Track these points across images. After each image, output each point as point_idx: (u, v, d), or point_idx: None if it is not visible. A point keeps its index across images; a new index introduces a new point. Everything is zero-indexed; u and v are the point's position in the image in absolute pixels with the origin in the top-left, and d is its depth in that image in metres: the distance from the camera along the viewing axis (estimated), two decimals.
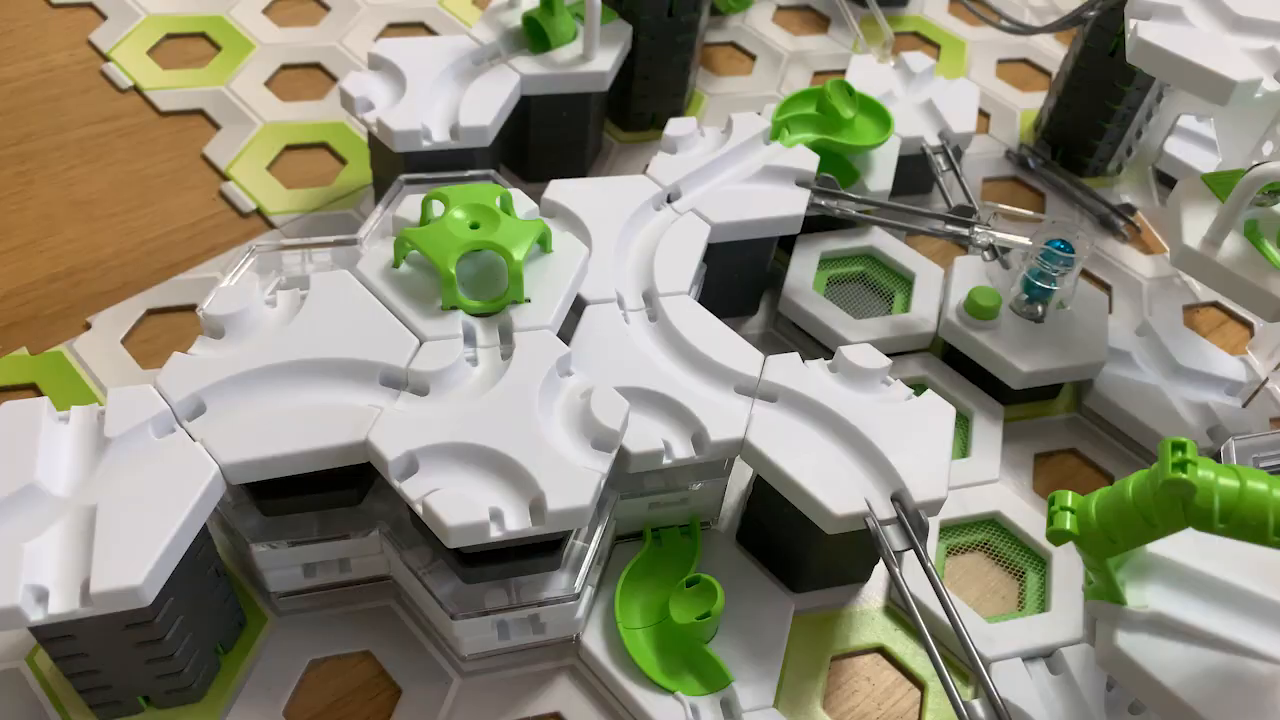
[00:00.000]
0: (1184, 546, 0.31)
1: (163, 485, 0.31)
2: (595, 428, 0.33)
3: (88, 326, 0.46)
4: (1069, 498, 0.29)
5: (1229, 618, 0.29)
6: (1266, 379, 0.50)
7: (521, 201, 0.40)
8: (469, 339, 0.36)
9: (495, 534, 0.31)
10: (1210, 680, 0.29)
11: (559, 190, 0.43)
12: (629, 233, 0.43)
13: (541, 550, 0.35)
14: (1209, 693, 0.28)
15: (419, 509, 0.31)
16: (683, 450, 0.37)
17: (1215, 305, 0.55)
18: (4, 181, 0.52)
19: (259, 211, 0.52)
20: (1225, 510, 0.25)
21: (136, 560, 0.29)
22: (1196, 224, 0.42)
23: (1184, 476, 0.25)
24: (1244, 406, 0.48)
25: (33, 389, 0.44)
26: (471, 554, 0.33)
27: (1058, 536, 0.28)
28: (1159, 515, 0.26)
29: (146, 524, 0.30)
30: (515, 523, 0.31)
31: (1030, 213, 0.51)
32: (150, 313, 0.47)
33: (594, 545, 0.36)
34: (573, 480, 0.32)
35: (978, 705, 0.33)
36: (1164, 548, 0.31)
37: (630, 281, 0.42)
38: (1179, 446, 0.26)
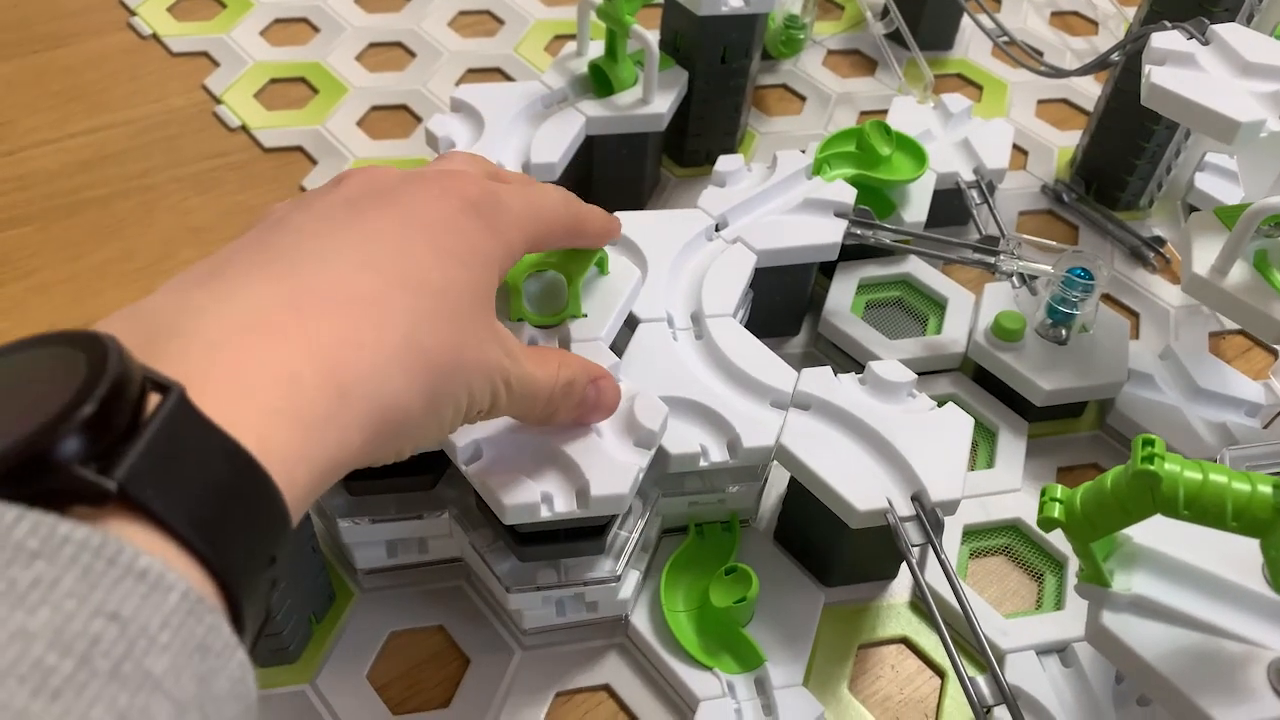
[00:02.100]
0: (1168, 538, 0.34)
1: None
2: (637, 428, 0.38)
3: None
4: (1058, 490, 0.32)
5: (1206, 602, 0.33)
6: None
7: None
8: None
9: (545, 514, 0.36)
10: (1187, 657, 0.32)
11: (621, 220, 0.48)
12: (682, 260, 0.48)
13: (588, 535, 0.39)
14: (1185, 668, 0.32)
15: (481, 489, 0.36)
16: (719, 454, 0.41)
17: (1241, 333, 0.57)
18: (130, 210, 0.58)
19: None
20: (1189, 498, 0.29)
21: None
22: (1205, 253, 0.45)
23: (1151, 468, 0.29)
24: (1264, 428, 0.51)
25: None
26: (526, 534, 0.38)
27: (1047, 523, 0.32)
28: (1131, 503, 0.30)
29: None
30: (563, 505, 0.36)
31: (1054, 243, 0.54)
32: None
33: (635, 535, 0.41)
34: (615, 472, 0.37)
35: (982, 682, 0.36)
36: (1150, 539, 0.34)
37: (680, 303, 0.46)
38: (1149, 442, 0.29)
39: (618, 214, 0.46)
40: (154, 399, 0.20)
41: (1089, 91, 0.72)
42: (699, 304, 0.46)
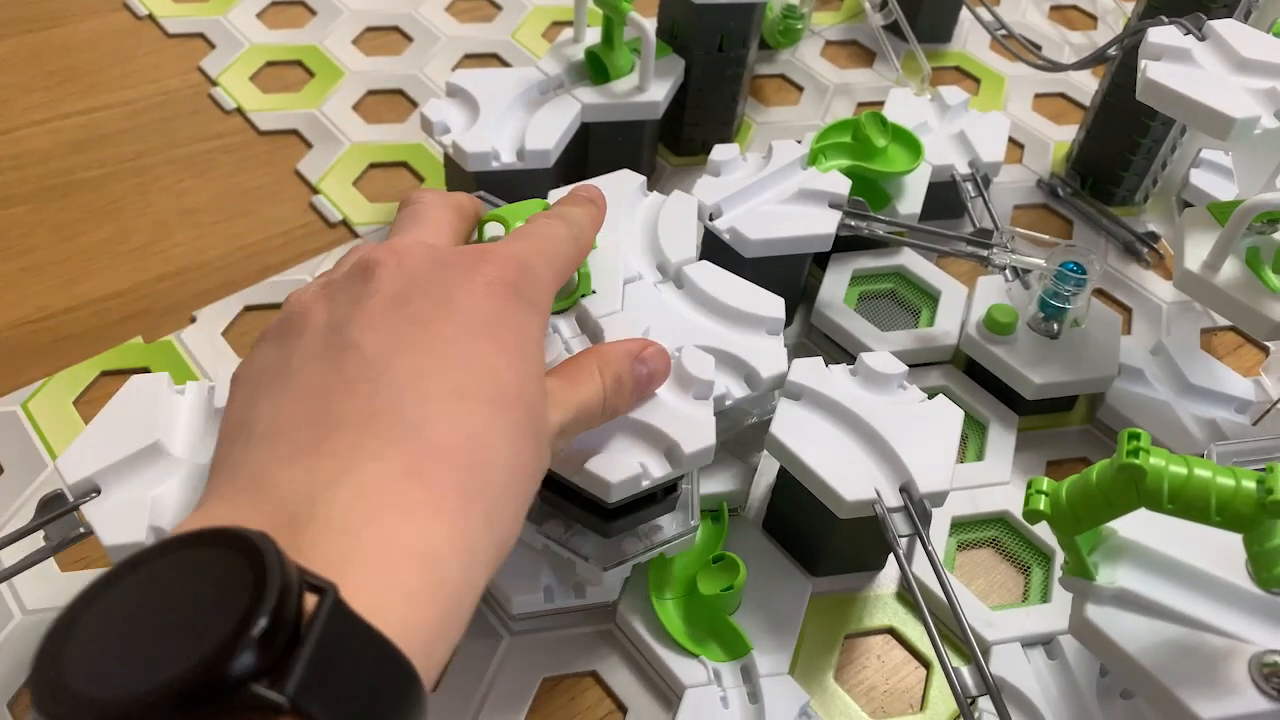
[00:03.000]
0: (1153, 532, 0.34)
1: None
2: (692, 381, 0.38)
3: (193, 320, 0.52)
4: (1044, 483, 0.32)
5: (1190, 596, 0.33)
6: (1279, 399, 0.53)
7: None
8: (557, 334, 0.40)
9: (645, 483, 0.36)
10: (1169, 650, 0.32)
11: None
12: (628, 219, 0.46)
13: (660, 497, 0.39)
14: (1167, 661, 0.32)
15: (576, 476, 0.36)
16: (739, 390, 0.41)
17: (1233, 329, 0.57)
18: (124, 192, 0.58)
19: (345, 222, 0.58)
20: (1173, 493, 0.29)
21: None
22: (1198, 249, 0.45)
23: (1137, 462, 0.29)
24: (1254, 425, 0.51)
25: (146, 373, 0.50)
26: (613, 509, 0.38)
27: (1032, 516, 0.32)
28: (1116, 496, 0.30)
29: None
30: (658, 469, 0.36)
31: (1047, 236, 0.54)
32: (247, 309, 0.53)
33: (695, 485, 0.41)
34: (695, 426, 0.37)
35: (966, 672, 0.36)
36: (1135, 533, 0.34)
37: (643, 259, 0.45)
38: (1134, 436, 0.29)
39: (559, 194, 0.43)
40: (309, 599, 0.20)
41: (1087, 86, 0.72)
42: (663, 255, 0.45)
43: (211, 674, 0.18)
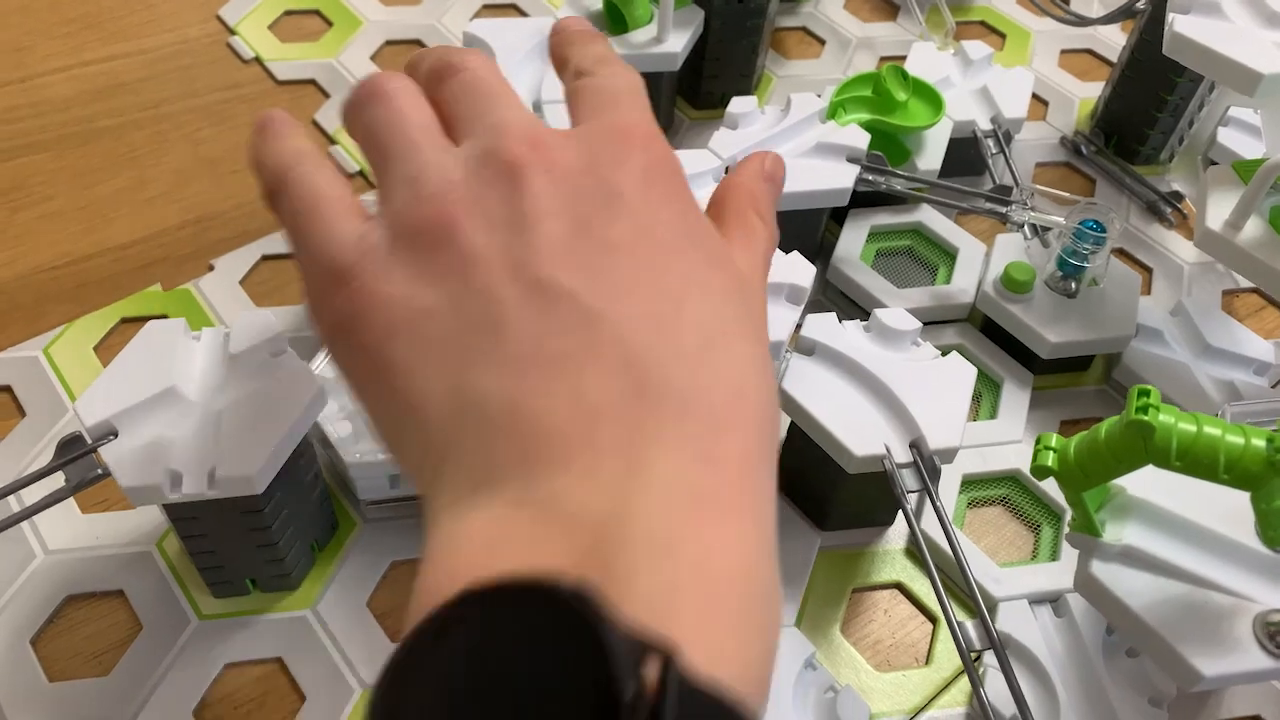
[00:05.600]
0: (1161, 490, 0.34)
1: (275, 396, 0.37)
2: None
3: (211, 268, 0.53)
4: (1053, 439, 0.32)
5: (1196, 554, 0.33)
6: None
7: None
8: None
9: None
10: (1174, 607, 0.32)
11: None
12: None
13: None
14: (1172, 618, 0.32)
15: None
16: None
17: (1255, 291, 0.57)
18: (144, 140, 0.59)
19: (362, 173, 0.58)
20: (1182, 450, 0.29)
21: (252, 454, 0.35)
22: (1220, 208, 0.45)
23: (1145, 418, 0.29)
24: (1273, 387, 0.51)
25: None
26: None
27: (1040, 471, 0.32)
28: (1124, 452, 0.30)
29: (261, 426, 0.36)
30: None
31: (1067, 194, 0.54)
32: (265, 258, 0.53)
33: None
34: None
35: (970, 627, 0.37)
36: (1143, 491, 0.34)
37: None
38: (1144, 393, 0.29)
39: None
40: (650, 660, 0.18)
41: (1114, 41, 0.70)
42: None
43: None
